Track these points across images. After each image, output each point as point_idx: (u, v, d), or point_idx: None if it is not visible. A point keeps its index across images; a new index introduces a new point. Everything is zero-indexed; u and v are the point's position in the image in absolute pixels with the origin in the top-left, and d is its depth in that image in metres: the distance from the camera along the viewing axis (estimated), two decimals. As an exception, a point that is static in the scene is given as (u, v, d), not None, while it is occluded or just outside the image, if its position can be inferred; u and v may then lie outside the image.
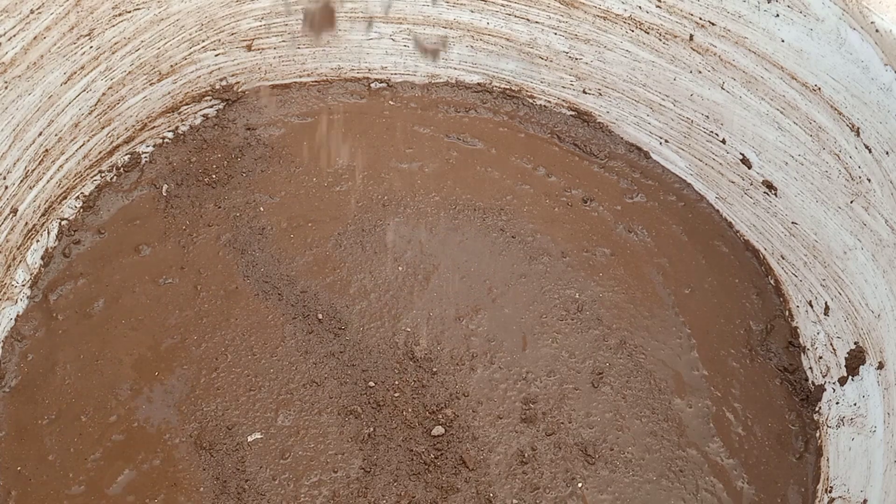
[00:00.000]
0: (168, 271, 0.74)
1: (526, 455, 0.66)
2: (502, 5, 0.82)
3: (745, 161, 0.77)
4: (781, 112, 0.72)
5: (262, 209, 0.77)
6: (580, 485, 0.65)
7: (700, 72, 0.76)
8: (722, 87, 0.75)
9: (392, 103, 0.87)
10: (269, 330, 0.71)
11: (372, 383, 0.68)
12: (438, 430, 0.66)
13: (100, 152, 0.77)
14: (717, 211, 0.81)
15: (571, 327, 0.72)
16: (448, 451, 0.65)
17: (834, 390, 0.69)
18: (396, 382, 0.68)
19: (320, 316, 0.71)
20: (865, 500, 0.61)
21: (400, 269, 0.74)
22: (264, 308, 0.72)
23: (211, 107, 0.84)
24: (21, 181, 0.70)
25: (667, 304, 0.75)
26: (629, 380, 0.70)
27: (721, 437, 0.68)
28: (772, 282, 0.77)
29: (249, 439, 0.65)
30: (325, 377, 0.68)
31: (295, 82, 0.87)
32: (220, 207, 0.78)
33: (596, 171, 0.83)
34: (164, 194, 0.79)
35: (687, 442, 0.68)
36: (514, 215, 0.79)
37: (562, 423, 0.67)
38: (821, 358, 0.71)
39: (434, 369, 0.69)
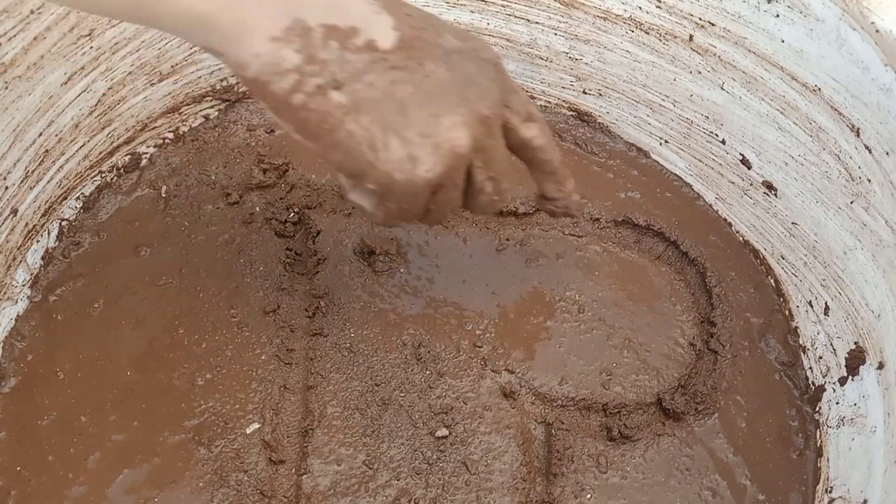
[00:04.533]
0: (168, 272, 0.73)
1: (535, 466, 0.66)
2: (502, 6, 0.82)
3: (745, 161, 0.77)
4: (781, 112, 0.72)
5: (257, 209, 0.77)
6: (589, 496, 0.65)
7: (700, 72, 0.76)
8: (722, 88, 0.76)
9: None
10: (271, 328, 0.71)
11: (378, 381, 0.68)
12: (443, 431, 0.66)
13: (100, 153, 0.77)
14: (714, 209, 0.82)
15: (576, 330, 0.72)
16: (452, 452, 0.65)
17: (834, 390, 0.70)
18: (402, 382, 0.68)
19: (324, 312, 0.71)
20: (865, 501, 0.62)
21: (402, 270, 0.74)
22: (266, 306, 0.72)
23: (212, 107, 0.84)
24: (21, 182, 0.70)
25: (664, 296, 0.75)
26: (637, 377, 0.70)
27: (725, 432, 0.68)
28: (771, 281, 0.77)
29: (248, 430, 0.65)
30: (329, 371, 0.68)
31: (296, 82, 0.86)
32: (218, 208, 0.78)
33: (594, 171, 0.83)
34: (164, 195, 0.79)
35: (693, 439, 0.68)
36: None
37: (577, 435, 0.67)
38: (821, 358, 0.72)
39: (441, 371, 0.69)
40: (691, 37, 0.75)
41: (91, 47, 0.72)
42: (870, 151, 0.65)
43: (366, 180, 0.52)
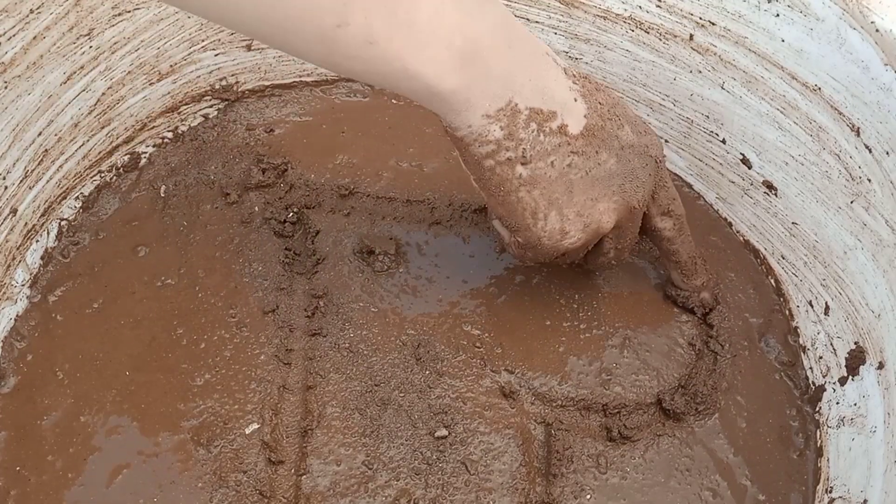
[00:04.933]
0: (166, 272, 0.73)
1: (534, 466, 0.66)
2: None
3: (746, 161, 0.77)
4: (781, 112, 0.72)
5: (256, 209, 0.77)
6: (589, 497, 0.65)
7: (700, 72, 0.76)
8: (722, 87, 0.75)
9: (395, 101, 0.86)
10: (270, 328, 0.71)
11: (377, 382, 0.68)
12: (442, 431, 0.66)
13: (99, 152, 0.77)
14: (715, 209, 0.82)
15: (575, 329, 0.72)
16: (451, 452, 0.65)
17: (834, 390, 0.69)
18: (402, 382, 0.68)
19: (323, 312, 0.71)
20: (865, 501, 0.61)
21: (401, 270, 0.74)
22: (265, 306, 0.72)
23: (211, 107, 0.84)
24: (21, 181, 0.70)
25: (665, 295, 0.75)
26: (637, 377, 0.70)
27: (726, 433, 0.68)
28: (771, 281, 0.77)
29: (247, 431, 0.65)
30: (328, 371, 0.68)
31: (296, 82, 0.87)
32: (217, 208, 0.78)
33: None
34: (163, 195, 0.78)
35: (694, 439, 0.68)
36: None
37: (576, 435, 0.67)
38: (821, 358, 0.71)
39: (440, 371, 0.69)
40: (691, 36, 0.75)
41: (90, 47, 0.72)
42: (870, 151, 0.65)
43: (517, 234, 0.61)
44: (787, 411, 0.71)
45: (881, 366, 0.65)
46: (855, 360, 0.68)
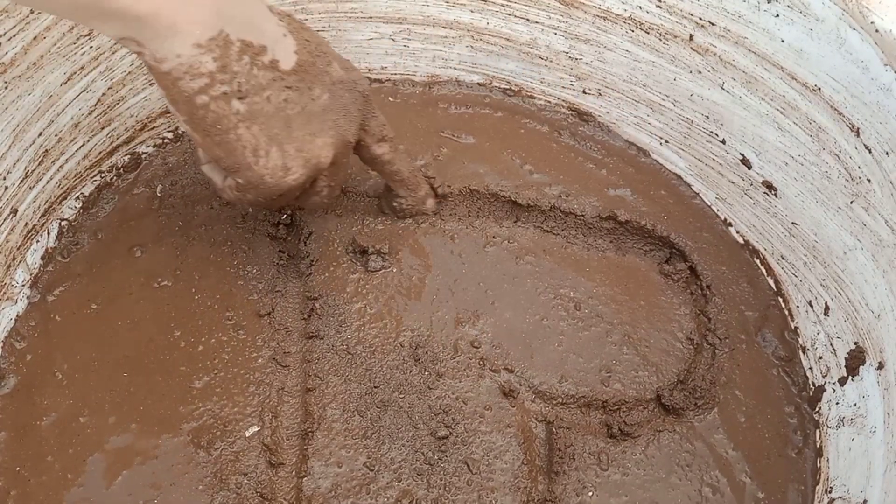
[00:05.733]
0: (162, 273, 0.73)
1: (536, 465, 0.66)
2: (502, 5, 0.82)
3: (745, 161, 0.77)
4: (781, 112, 0.72)
5: (250, 210, 0.77)
6: (591, 494, 0.65)
7: (700, 72, 0.76)
8: (722, 88, 0.75)
9: (392, 99, 0.87)
10: (267, 331, 0.71)
11: (376, 383, 0.68)
12: (443, 431, 0.66)
13: (100, 153, 0.77)
14: (710, 207, 0.82)
15: (574, 328, 0.72)
16: (453, 452, 0.65)
17: (834, 391, 0.70)
18: (401, 384, 0.68)
19: (319, 314, 0.71)
20: (865, 501, 0.62)
21: (393, 269, 0.74)
22: (260, 307, 0.72)
23: (211, 107, 0.84)
24: (21, 181, 0.70)
25: (659, 291, 0.75)
26: (637, 374, 0.70)
27: (725, 427, 0.69)
28: (771, 281, 0.77)
29: (247, 433, 0.65)
30: (327, 374, 0.68)
31: (295, 82, 0.86)
32: (212, 209, 0.77)
33: (587, 167, 0.82)
34: (159, 194, 0.78)
35: (694, 434, 0.68)
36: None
37: (577, 433, 0.67)
38: (821, 358, 0.72)
39: (440, 372, 0.69)
40: (691, 36, 0.75)
41: (91, 47, 0.72)
42: (870, 151, 0.65)
43: (237, 176, 0.60)
44: (786, 408, 0.71)
45: (881, 366, 0.65)
46: (855, 361, 0.68)
